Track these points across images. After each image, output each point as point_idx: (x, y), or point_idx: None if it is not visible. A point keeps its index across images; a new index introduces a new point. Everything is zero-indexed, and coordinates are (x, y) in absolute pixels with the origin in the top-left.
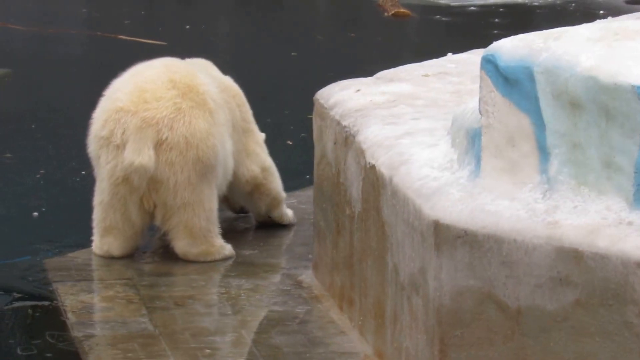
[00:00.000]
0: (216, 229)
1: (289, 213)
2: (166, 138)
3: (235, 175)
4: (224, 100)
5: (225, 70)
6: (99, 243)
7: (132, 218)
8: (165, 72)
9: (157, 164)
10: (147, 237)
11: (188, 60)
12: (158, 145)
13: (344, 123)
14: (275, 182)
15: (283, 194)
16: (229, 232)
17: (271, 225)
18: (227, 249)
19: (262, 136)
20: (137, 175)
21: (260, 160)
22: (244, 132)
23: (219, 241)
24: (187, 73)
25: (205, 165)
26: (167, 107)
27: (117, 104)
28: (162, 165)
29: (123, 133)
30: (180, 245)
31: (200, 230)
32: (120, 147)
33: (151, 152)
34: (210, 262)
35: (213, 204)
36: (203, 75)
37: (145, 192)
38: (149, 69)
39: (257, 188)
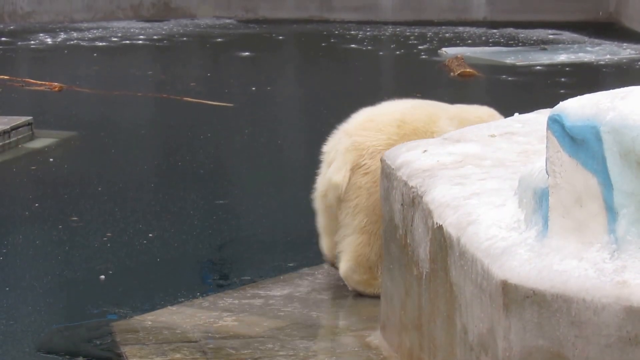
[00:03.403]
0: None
1: None
2: (364, 164)
3: None
4: None
5: (290, 130)
6: (320, 243)
7: (332, 228)
8: (402, 111)
9: (348, 185)
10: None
11: (467, 107)
12: (355, 168)
13: (411, 184)
14: None
15: None
16: (294, 295)
17: (338, 285)
18: None
19: None
20: (331, 191)
21: None
22: None
23: None
24: (426, 117)
25: None
26: (380, 139)
27: (345, 125)
28: (351, 187)
29: (336, 151)
30: (344, 267)
31: (368, 262)
32: (330, 164)
33: (347, 174)
34: (369, 295)
35: None
36: (448, 122)
37: (336, 210)
38: (391, 106)
39: None
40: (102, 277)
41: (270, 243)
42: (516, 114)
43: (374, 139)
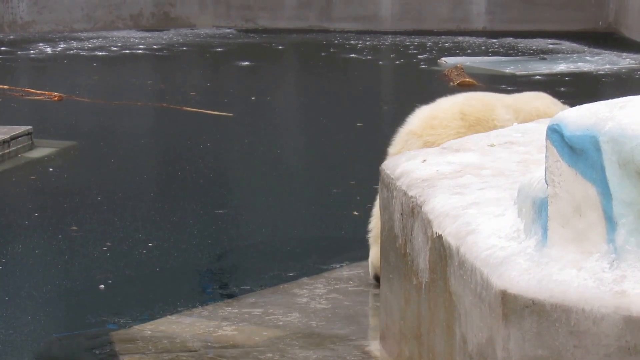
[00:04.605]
0: None
1: None
2: None
3: None
4: None
5: (290, 140)
6: (370, 254)
7: None
8: (460, 104)
9: None
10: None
11: (516, 95)
12: None
13: (411, 193)
14: None
15: None
16: (293, 304)
17: (338, 295)
18: None
19: None
20: None
21: None
22: None
23: None
24: (483, 107)
25: None
26: (449, 135)
27: (408, 127)
28: None
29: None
30: (375, 251)
31: None
32: None
33: None
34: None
35: None
36: (504, 111)
37: None
38: (447, 101)
39: None
40: (102, 286)
41: (269, 252)
42: (515, 123)
43: (444, 135)
